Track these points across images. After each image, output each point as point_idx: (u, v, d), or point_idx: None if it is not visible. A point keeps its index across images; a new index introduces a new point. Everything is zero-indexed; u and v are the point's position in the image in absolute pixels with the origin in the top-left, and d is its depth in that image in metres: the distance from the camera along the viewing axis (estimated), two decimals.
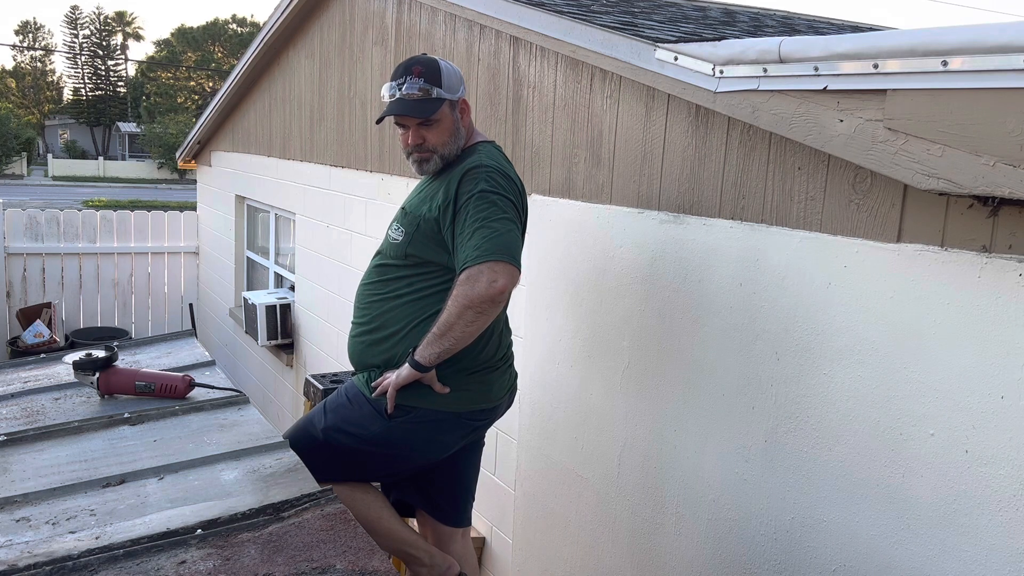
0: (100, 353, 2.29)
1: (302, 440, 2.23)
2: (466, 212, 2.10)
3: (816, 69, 1.80)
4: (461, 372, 2.21)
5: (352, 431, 2.24)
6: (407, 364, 2.14)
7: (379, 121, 2.34)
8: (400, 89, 2.21)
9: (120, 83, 56.52)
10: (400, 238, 2.29)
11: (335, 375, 2.78)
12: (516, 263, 2.06)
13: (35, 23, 73.94)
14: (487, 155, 2.24)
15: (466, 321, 2.04)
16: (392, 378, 2.17)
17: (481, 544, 3.47)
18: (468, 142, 2.33)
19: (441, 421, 2.23)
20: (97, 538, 1.50)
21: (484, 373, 2.27)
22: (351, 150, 4.79)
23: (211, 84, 51.23)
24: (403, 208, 2.37)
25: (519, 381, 2.52)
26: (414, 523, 2.64)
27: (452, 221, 2.15)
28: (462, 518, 2.55)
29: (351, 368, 2.58)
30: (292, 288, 6.14)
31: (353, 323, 2.39)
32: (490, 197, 2.10)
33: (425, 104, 2.20)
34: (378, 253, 2.39)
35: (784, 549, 2.09)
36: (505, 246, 2.04)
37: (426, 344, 2.11)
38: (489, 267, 2.00)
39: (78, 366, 2.27)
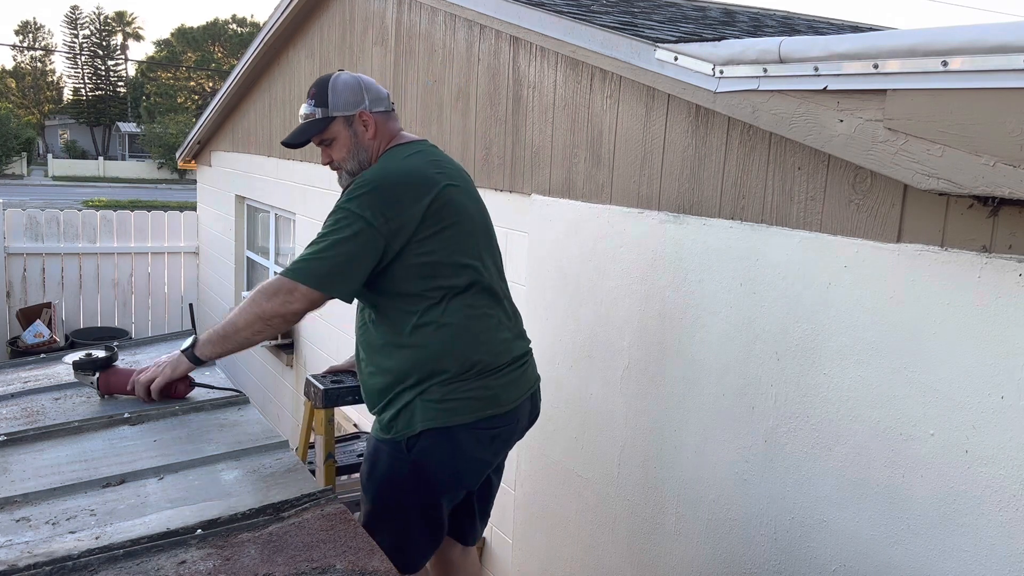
0: (100, 353, 2.28)
1: (374, 524, 2.15)
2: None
3: (816, 69, 1.81)
4: (443, 384, 2.09)
5: (386, 485, 2.15)
6: (182, 356, 2.16)
7: (286, 145, 2.30)
8: (300, 112, 2.27)
9: (120, 83, 56.51)
10: None
11: (336, 375, 2.78)
12: (321, 291, 2.02)
13: (35, 23, 73.97)
14: (381, 163, 2.18)
15: (254, 330, 2.07)
16: (164, 370, 2.17)
17: (481, 544, 3.47)
18: (383, 151, 2.25)
19: (453, 436, 2.11)
20: (97, 538, 1.50)
21: (478, 379, 2.13)
22: None
23: (211, 84, 51.23)
24: None
25: None
26: None
27: None
28: (471, 538, 2.46)
29: (352, 368, 2.57)
30: None
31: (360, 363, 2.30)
32: (340, 213, 2.05)
33: (308, 127, 2.23)
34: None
35: (784, 549, 2.09)
36: (318, 272, 2.01)
37: (209, 342, 2.12)
38: (293, 286, 2.01)
39: (78, 366, 2.27)
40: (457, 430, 2.12)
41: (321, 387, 2.65)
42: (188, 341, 2.18)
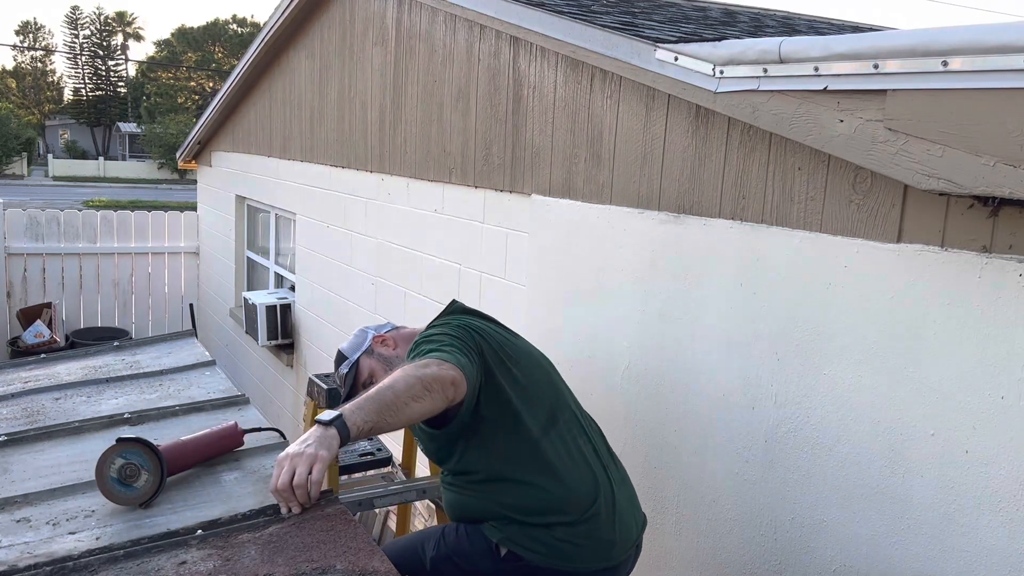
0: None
1: (406, 560, 2.07)
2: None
3: (816, 69, 1.81)
4: (556, 526, 1.98)
5: (460, 563, 2.02)
6: (333, 429, 1.60)
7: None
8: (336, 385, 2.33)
9: (120, 83, 56.48)
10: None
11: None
12: (464, 372, 1.80)
13: (35, 23, 74.03)
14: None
15: (412, 394, 1.68)
16: (320, 452, 1.56)
17: None
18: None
19: None
20: (97, 539, 1.50)
21: (586, 525, 2.00)
22: (351, 150, 4.79)
23: (211, 84, 51.23)
24: None
25: None
26: None
27: None
28: None
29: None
30: (292, 288, 6.14)
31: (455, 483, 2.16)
32: (425, 340, 1.97)
33: (346, 380, 2.29)
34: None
35: (784, 549, 2.09)
36: (448, 358, 1.83)
37: (359, 409, 1.66)
38: (439, 358, 1.81)
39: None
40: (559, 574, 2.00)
41: (325, 387, 2.66)
42: (334, 414, 1.64)
